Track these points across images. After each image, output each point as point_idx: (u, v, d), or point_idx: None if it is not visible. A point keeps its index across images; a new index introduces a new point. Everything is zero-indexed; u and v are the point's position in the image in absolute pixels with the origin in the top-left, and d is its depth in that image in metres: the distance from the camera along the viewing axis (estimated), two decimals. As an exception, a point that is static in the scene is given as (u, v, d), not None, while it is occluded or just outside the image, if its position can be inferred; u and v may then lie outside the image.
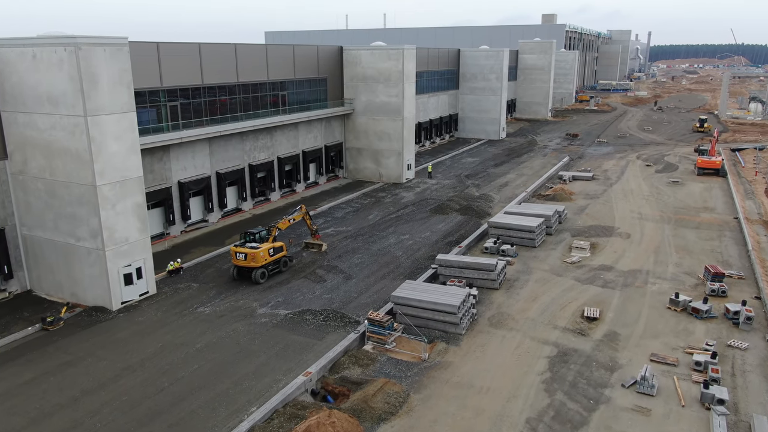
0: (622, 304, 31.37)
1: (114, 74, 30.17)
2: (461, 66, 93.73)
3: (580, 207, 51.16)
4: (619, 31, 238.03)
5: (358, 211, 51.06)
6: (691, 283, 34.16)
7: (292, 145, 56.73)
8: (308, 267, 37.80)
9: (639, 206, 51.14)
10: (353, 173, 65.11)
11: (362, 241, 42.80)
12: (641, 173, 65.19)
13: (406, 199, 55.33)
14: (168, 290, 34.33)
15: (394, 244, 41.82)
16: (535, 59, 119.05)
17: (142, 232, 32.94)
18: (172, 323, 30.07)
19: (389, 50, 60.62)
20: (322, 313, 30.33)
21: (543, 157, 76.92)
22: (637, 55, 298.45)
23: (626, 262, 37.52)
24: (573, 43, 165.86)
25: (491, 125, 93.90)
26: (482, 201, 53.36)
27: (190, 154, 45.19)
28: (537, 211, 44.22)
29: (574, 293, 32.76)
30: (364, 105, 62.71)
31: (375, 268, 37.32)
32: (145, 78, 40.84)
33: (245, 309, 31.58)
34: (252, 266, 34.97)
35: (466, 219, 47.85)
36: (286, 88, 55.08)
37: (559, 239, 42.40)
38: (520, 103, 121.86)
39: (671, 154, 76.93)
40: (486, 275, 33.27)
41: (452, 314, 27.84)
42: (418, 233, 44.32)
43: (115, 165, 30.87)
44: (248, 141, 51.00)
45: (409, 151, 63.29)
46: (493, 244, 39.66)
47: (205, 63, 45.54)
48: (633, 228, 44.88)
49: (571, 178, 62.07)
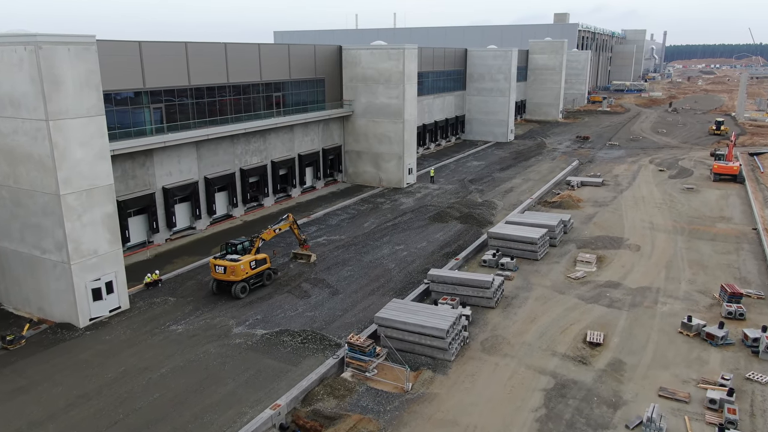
0: (628, 327, 28.68)
1: (80, 75, 28.07)
2: (468, 66, 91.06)
3: (587, 215, 48.39)
4: (634, 30, 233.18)
5: (354, 218, 48.73)
6: (706, 304, 31.35)
7: (288, 148, 54.52)
8: (294, 280, 35.54)
9: (650, 215, 48.25)
10: (353, 177, 62.79)
11: (354, 251, 40.46)
12: (654, 179, 62.17)
13: (405, 205, 52.90)
14: (142, 305, 32.23)
15: (388, 256, 39.43)
16: (546, 59, 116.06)
17: (113, 244, 30.82)
18: (140, 343, 27.92)
19: (389, 50, 58.22)
20: (301, 334, 28.02)
21: (551, 160, 74.09)
22: (653, 55, 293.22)
23: (635, 279, 34.77)
24: (586, 42, 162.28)
25: (499, 127, 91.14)
26: (484, 208, 50.80)
27: (176, 158, 43.11)
28: (540, 220, 41.58)
29: (577, 314, 30.13)
30: (363, 107, 60.37)
31: (364, 282, 34.96)
32: (127, 79, 38.84)
33: (220, 328, 29.36)
34: (232, 280, 32.77)
35: (466, 228, 45.33)
36: (280, 89, 52.89)
37: (564, 251, 39.73)
38: (530, 104, 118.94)
39: (686, 159, 73.73)
40: (481, 293, 30.76)
41: (440, 339, 25.40)
42: (413, 243, 41.89)
43: (82, 172, 28.75)
44: (239, 144, 48.85)
45: (410, 154, 60.84)
46: (492, 257, 37.11)
47: (192, 63, 43.45)
48: (643, 239, 42.07)
49: (579, 184, 59.26)
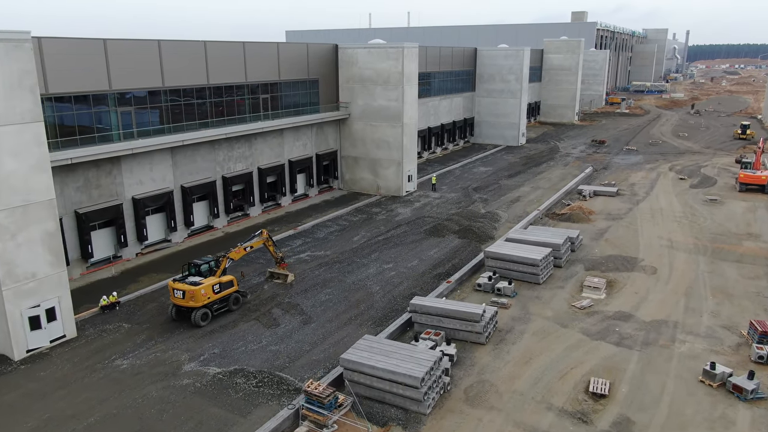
0: (640, 373, 24.50)
1: (11, 76, 24.70)
2: (478, 66, 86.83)
3: (598, 230, 44.06)
4: (655, 29, 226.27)
5: (344, 231, 44.99)
6: (732, 343, 27.01)
7: (277, 154, 50.96)
8: (265, 304, 31.90)
9: (669, 231, 43.76)
10: (349, 184, 59.08)
11: (338, 270, 36.73)
12: (673, 188, 57.50)
13: (402, 216, 49.01)
14: (92, 333, 28.83)
15: (373, 276, 35.62)
16: (562, 59, 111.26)
17: (56, 266, 27.42)
18: (76, 382, 24.46)
19: (388, 49, 54.37)
20: (257, 375, 24.35)
21: (564, 166, 69.63)
22: (674, 55, 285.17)
23: (649, 309, 30.48)
24: (605, 42, 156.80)
25: (509, 130, 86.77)
26: (486, 220, 46.73)
27: (147, 166, 39.74)
28: (545, 237, 37.41)
29: (580, 354, 26.03)
30: (361, 109, 56.61)
31: (342, 309, 31.20)
32: (90, 80, 35.53)
33: (170, 364, 25.81)
34: (191, 306, 29.22)
35: (464, 243, 41.35)
36: (268, 90, 49.33)
37: (570, 274, 35.54)
38: (544, 105, 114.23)
39: (709, 165, 68.76)
40: (470, 326, 26.82)
41: (414, 388, 21.54)
42: (404, 261, 38.03)
43: (14, 187, 25.39)
44: (221, 150, 45.38)
45: (409, 160, 56.94)
46: (488, 281, 33.08)
47: (167, 62, 40.04)
48: (660, 260, 37.68)
49: (591, 194, 54.85)
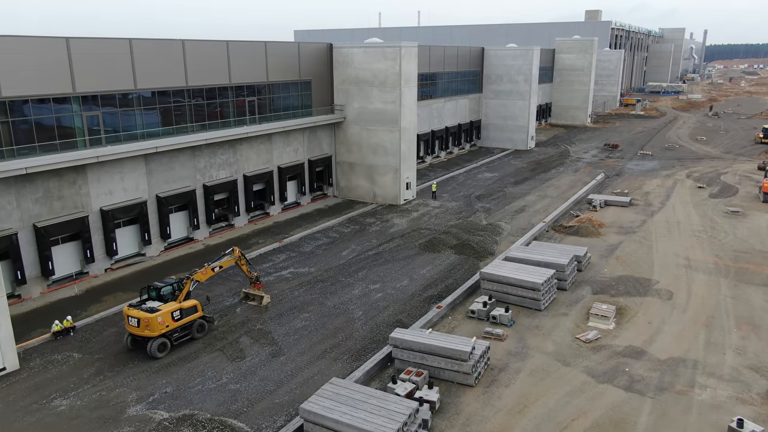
0: (653, 427, 20.92)
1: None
2: (485, 67, 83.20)
3: (609, 246, 40.39)
4: (672, 29, 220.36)
5: (333, 244, 41.76)
6: (761, 390, 23.28)
7: (265, 160, 47.87)
8: (233, 331, 28.76)
9: (686, 247, 39.97)
10: (345, 192, 55.86)
11: (319, 290, 33.51)
12: (691, 198, 53.55)
13: (397, 227, 45.67)
14: (37, 364, 25.88)
15: (358, 298, 32.34)
16: (574, 59, 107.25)
17: (-8, 292, 24.53)
18: (2, 429, 21.47)
19: (385, 48, 51.04)
20: (207, 425, 21.14)
21: (574, 173, 65.86)
22: (692, 55, 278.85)
23: (664, 344, 26.83)
24: (620, 41, 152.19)
25: (518, 133, 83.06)
26: (487, 234, 43.23)
27: (118, 175, 36.82)
28: (548, 256, 33.84)
29: (584, 401, 22.51)
30: (356, 112, 53.37)
31: (317, 338, 27.95)
32: (50, 82, 32.64)
33: (114, 405, 22.73)
34: (147, 336, 26.15)
35: (461, 261, 37.94)
36: (256, 93, 46.26)
37: (575, 298, 31.96)
38: (556, 107, 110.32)
39: (729, 172, 64.60)
40: (457, 366, 23.44)
41: (383, 449, 18.23)
42: (393, 281, 34.71)
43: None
44: (203, 157, 42.36)
45: (408, 167, 53.58)
46: (483, 307, 29.60)
47: (139, 63, 37.07)
48: (677, 282, 33.96)
49: (602, 204, 51.07)
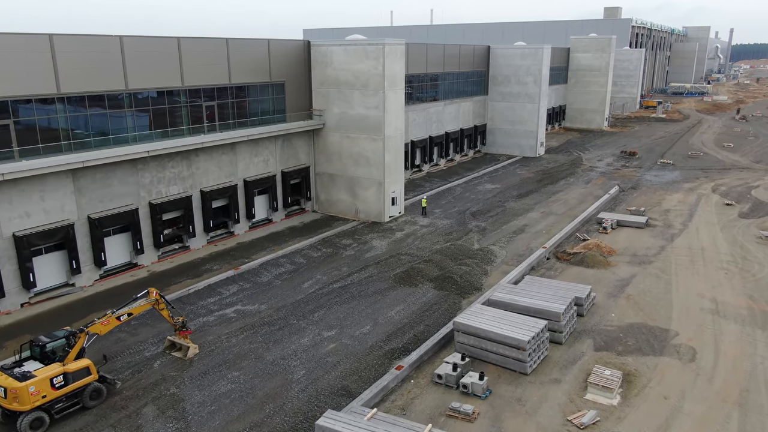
0: None
1: None
2: (491, 67, 76.80)
3: (619, 281, 33.96)
4: (697, 27, 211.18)
5: (296, 273, 35.97)
6: None
7: (228, 173, 42.23)
8: (140, 396, 23.09)
9: (713, 284, 33.39)
10: (325, 206, 50.05)
11: (262, 337, 27.72)
12: (718, 217, 46.74)
13: (374, 252, 39.71)
14: None
15: (304, 351, 26.46)
16: (590, 58, 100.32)
17: None
18: None
19: (366, 46, 45.07)
20: None
21: (585, 185, 59.29)
22: (717, 55, 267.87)
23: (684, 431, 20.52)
24: (640, 40, 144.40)
25: (526, 139, 76.55)
26: (476, 262, 37.04)
27: (37, 194, 31.39)
28: (541, 300, 27.54)
29: None
30: (337, 118, 47.54)
31: (239, 412, 22.13)
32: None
33: None
34: (16, 410, 20.58)
35: (440, 298, 31.88)
36: (215, 97, 40.67)
37: (572, 356, 25.66)
38: (570, 110, 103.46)
39: (761, 186, 57.44)
40: (400, 470, 17.45)
41: None
42: (353, 326, 28.77)
43: None
44: (148, 171, 36.86)
45: (393, 180, 47.55)
46: (452, 371, 23.48)
47: (63, 63, 31.61)
48: (701, 335, 27.47)
49: (614, 224, 44.52)
